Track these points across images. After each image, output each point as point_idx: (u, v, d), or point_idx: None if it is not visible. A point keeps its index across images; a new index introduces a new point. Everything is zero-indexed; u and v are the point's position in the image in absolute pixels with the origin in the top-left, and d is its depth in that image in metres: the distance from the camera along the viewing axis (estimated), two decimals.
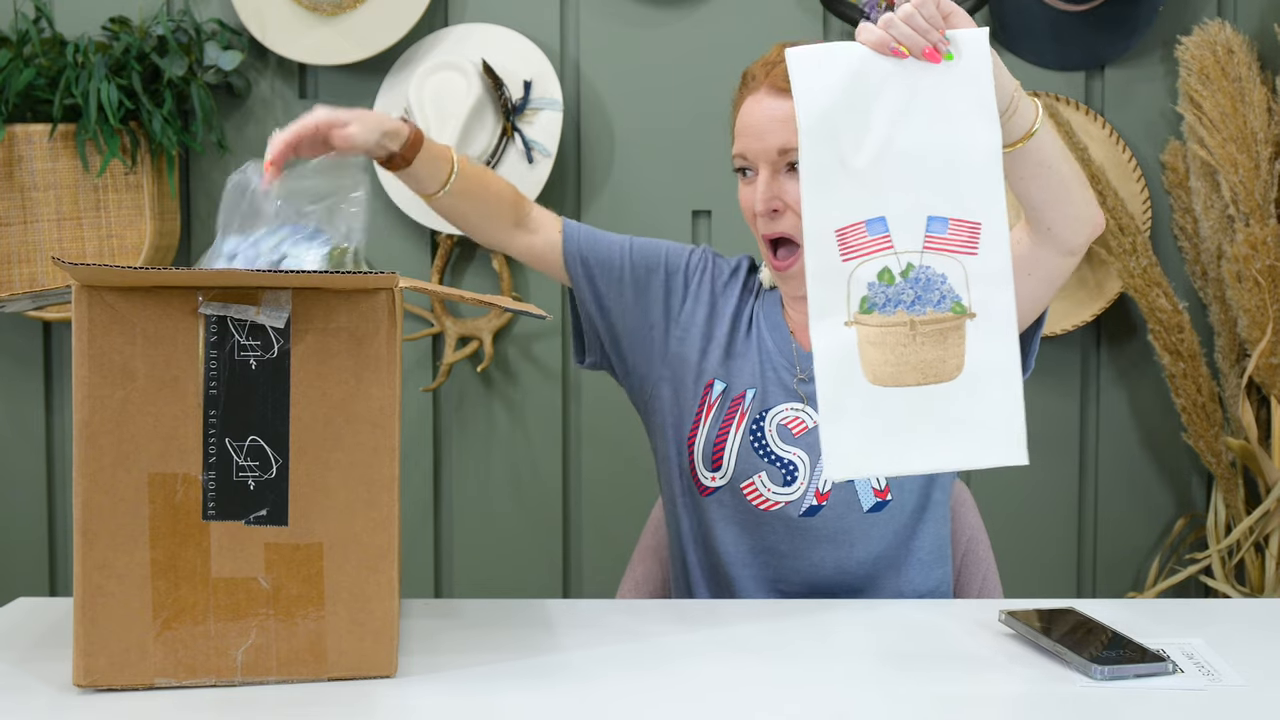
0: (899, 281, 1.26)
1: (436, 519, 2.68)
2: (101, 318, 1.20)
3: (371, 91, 2.59)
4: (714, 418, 1.67)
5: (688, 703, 1.21)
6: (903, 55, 1.27)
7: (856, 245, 1.26)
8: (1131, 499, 2.65)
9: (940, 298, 1.25)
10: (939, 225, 1.25)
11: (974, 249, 1.26)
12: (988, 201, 1.27)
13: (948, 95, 1.27)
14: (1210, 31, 2.45)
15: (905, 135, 1.27)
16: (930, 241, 1.26)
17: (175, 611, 1.22)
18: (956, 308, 1.25)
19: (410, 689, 1.24)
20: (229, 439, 1.22)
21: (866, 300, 1.26)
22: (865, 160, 1.27)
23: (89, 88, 2.41)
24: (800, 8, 2.58)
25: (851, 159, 1.27)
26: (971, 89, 1.27)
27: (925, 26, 1.27)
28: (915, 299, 1.26)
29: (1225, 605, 1.57)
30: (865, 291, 1.26)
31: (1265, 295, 2.38)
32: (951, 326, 1.25)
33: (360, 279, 1.22)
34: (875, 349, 1.26)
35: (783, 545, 1.63)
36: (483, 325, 2.60)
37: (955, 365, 1.26)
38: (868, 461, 1.29)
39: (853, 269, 1.26)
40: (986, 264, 1.27)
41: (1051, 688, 1.24)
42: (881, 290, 1.25)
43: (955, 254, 1.26)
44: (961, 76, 1.27)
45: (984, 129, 1.27)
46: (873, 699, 1.22)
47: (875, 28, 1.28)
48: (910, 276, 1.26)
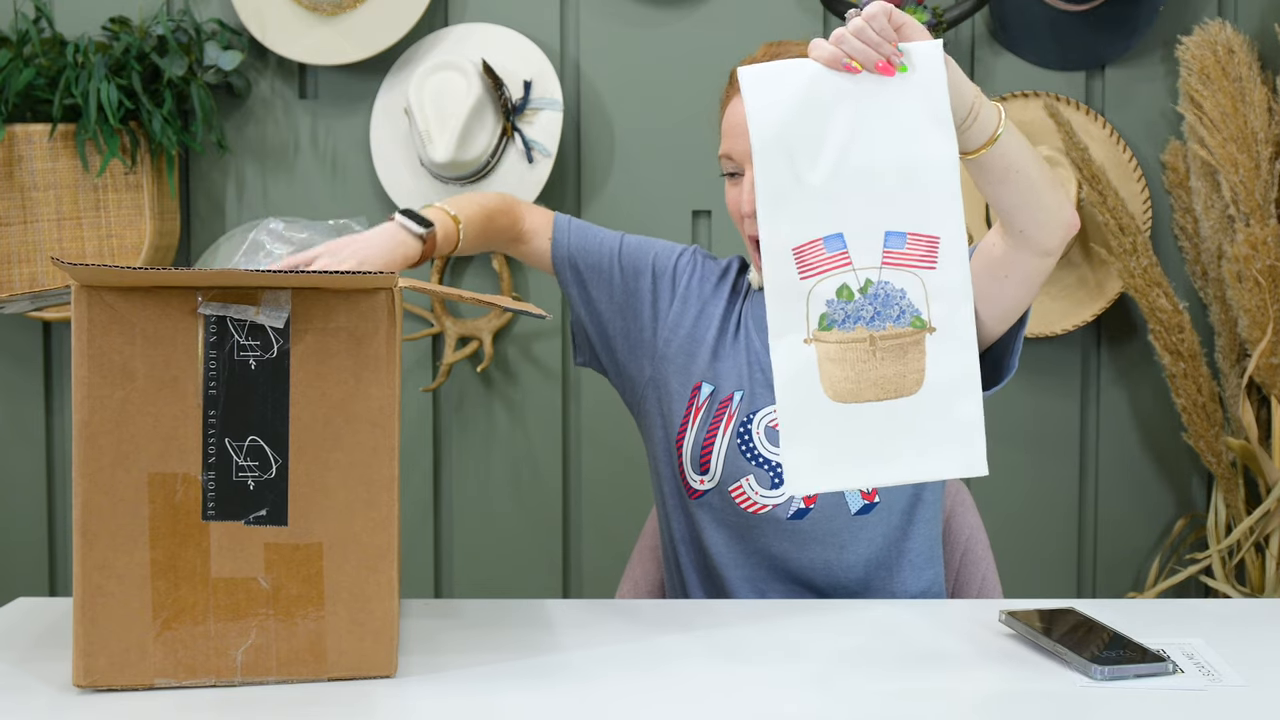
0: (858, 298, 1.26)
1: (436, 519, 2.67)
2: (101, 318, 1.20)
3: (371, 92, 2.59)
4: (702, 420, 1.67)
5: (687, 703, 1.21)
6: (855, 70, 1.27)
7: (814, 263, 1.26)
8: (1131, 499, 2.65)
9: (900, 313, 1.25)
10: (897, 240, 1.26)
11: (933, 263, 1.26)
12: (946, 215, 1.27)
13: (902, 108, 1.26)
14: (1210, 31, 2.45)
15: (860, 150, 1.27)
16: (889, 257, 1.26)
17: (175, 611, 1.22)
18: (916, 322, 1.25)
19: (410, 689, 1.24)
20: (229, 439, 1.22)
21: (825, 317, 1.26)
22: (821, 177, 1.27)
23: (89, 88, 2.41)
24: (800, 8, 2.58)
25: (807, 175, 1.27)
26: (926, 102, 1.26)
27: (877, 40, 1.26)
28: (874, 315, 1.26)
29: (1225, 605, 1.57)
30: (824, 309, 1.26)
31: (1265, 295, 2.38)
32: (911, 341, 1.25)
33: (360, 279, 1.22)
34: (835, 365, 1.26)
35: (774, 548, 1.63)
36: (483, 325, 2.60)
37: (915, 380, 1.26)
38: (828, 476, 1.29)
39: (811, 286, 1.26)
40: (946, 278, 1.27)
41: (1052, 688, 1.24)
42: (840, 307, 1.25)
43: (914, 269, 1.26)
44: (916, 89, 1.26)
45: (940, 141, 1.26)
46: (872, 699, 1.22)
47: (827, 44, 1.27)
48: (869, 293, 1.26)
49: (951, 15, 2.49)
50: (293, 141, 2.63)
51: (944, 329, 1.27)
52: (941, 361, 1.27)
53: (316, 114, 2.62)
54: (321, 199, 2.63)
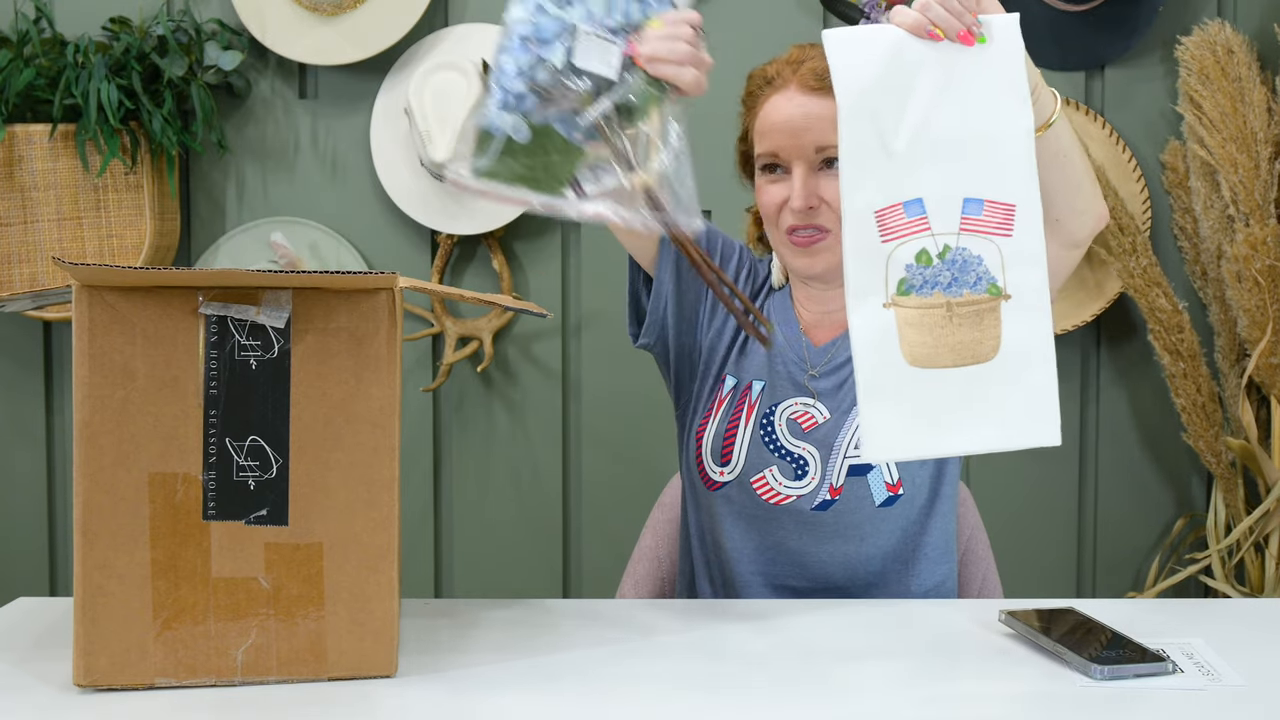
0: (936, 263, 1.27)
1: (436, 519, 2.68)
2: (102, 318, 1.20)
3: (371, 92, 2.59)
4: (724, 412, 1.67)
5: (687, 703, 1.21)
6: (938, 38, 1.29)
7: (895, 227, 1.27)
8: (1131, 499, 2.65)
9: (976, 279, 1.26)
10: (975, 207, 1.27)
11: (1009, 230, 1.27)
12: (1022, 183, 1.28)
13: (981, 78, 1.29)
14: (1210, 32, 2.45)
15: (941, 118, 1.29)
16: (966, 223, 1.27)
17: (175, 611, 1.22)
18: (992, 289, 1.26)
19: (410, 689, 1.24)
20: (229, 439, 1.22)
21: (904, 282, 1.27)
22: (903, 142, 1.29)
23: (89, 88, 2.41)
24: (800, 8, 2.58)
25: (890, 141, 1.29)
26: (1004, 72, 1.29)
27: (959, 9, 1.29)
28: (952, 280, 1.27)
29: (1225, 605, 1.57)
30: (903, 273, 1.27)
31: (1265, 295, 2.38)
32: (987, 308, 1.26)
33: (360, 279, 1.23)
34: (913, 330, 1.27)
35: (791, 541, 1.63)
36: (483, 325, 2.60)
37: (991, 347, 1.27)
38: (907, 442, 1.30)
39: (891, 250, 1.27)
40: (1021, 245, 1.28)
41: (1051, 687, 1.24)
42: (919, 272, 1.26)
43: (991, 235, 1.27)
44: (994, 59, 1.29)
45: (1017, 111, 1.29)
46: (872, 699, 1.22)
47: (911, 10, 1.30)
48: (947, 258, 1.27)
49: None
50: (293, 142, 2.63)
51: (1019, 296, 1.28)
52: (1017, 329, 1.28)
53: (316, 114, 2.62)
54: (321, 199, 2.63)
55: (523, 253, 2.63)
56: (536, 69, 1.30)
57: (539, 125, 1.31)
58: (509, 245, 2.62)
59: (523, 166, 1.31)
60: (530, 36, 1.30)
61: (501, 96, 1.30)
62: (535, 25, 1.30)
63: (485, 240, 2.59)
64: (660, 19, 1.32)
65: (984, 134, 1.29)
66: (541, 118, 1.31)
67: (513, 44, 1.30)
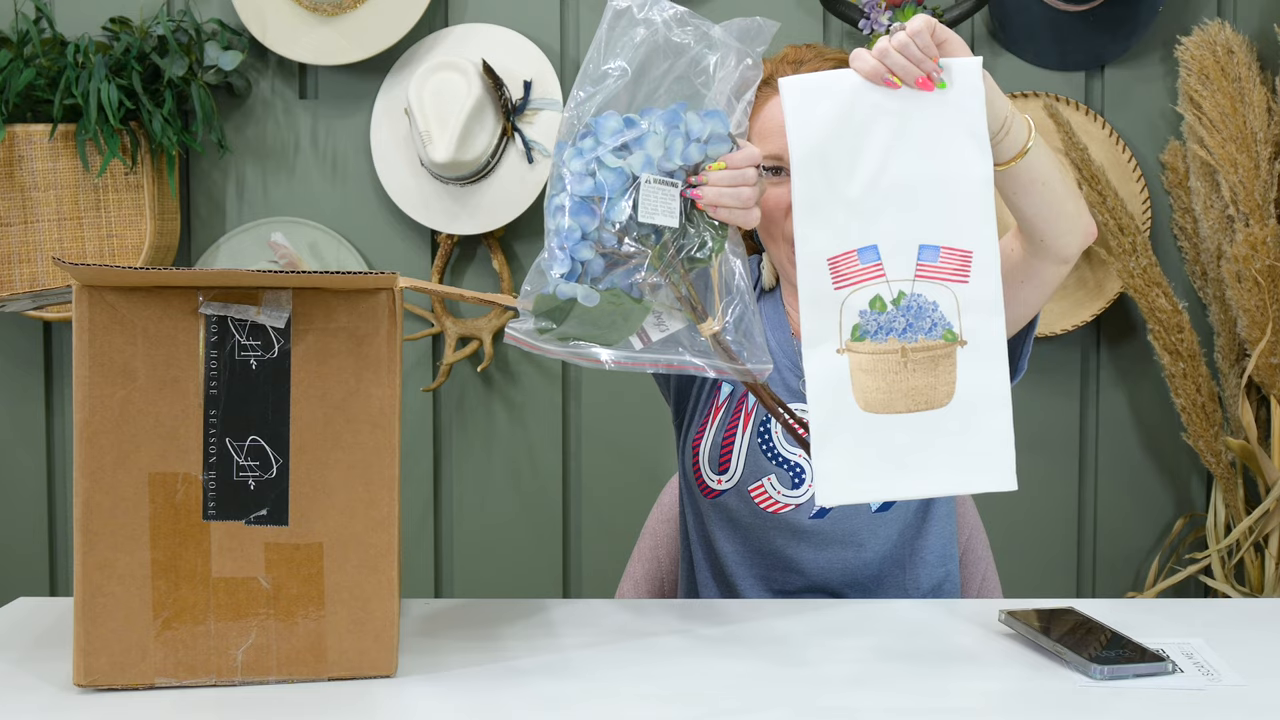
0: (890, 309, 1.26)
1: (436, 519, 2.68)
2: (102, 318, 1.20)
3: (372, 92, 2.59)
4: (721, 420, 1.67)
5: (687, 702, 1.21)
6: (895, 86, 1.27)
7: (849, 274, 1.27)
8: (1131, 499, 2.65)
9: (931, 325, 1.26)
10: (930, 254, 1.26)
11: (965, 277, 1.27)
12: (979, 229, 1.27)
13: (940, 123, 1.27)
14: (1210, 32, 2.45)
15: (897, 164, 1.27)
16: (922, 270, 1.26)
17: (175, 611, 1.22)
18: (948, 335, 1.26)
19: (410, 689, 1.24)
20: (229, 439, 1.22)
21: (858, 328, 1.27)
22: (858, 189, 1.27)
23: (89, 88, 2.41)
24: (800, 8, 2.58)
25: (843, 188, 1.28)
26: (963, 117, 1.27)
27: (920, 56, 1.26)
28: (907, 326, 1.26)
29: (1225, 605, 1.57)
30: (857, 319, 1.27)
31: (1265, 295, 2.38)
32: (943, 354, 1.26)
33: (360, 279, 1.23)
34: (867, 376, 1.27)
35: (789, 549, 1.63)
36: (483, 325, 2.60)
37: (946, 392, 1.27)
38: (858, 487, 1.29)
39: (845, 297, 1.27)
40: (978, 292, 1.27)
41: (1051, 687, 1.24)
42: (873, 318, 1.26)
43: (947, 282, 1.26)
44: (954, 105, 1.27)
45: (975, 157, 1.27)
46: (872, 699, 1.22)
47: (869, 56, 1.28)
48: (902, 304, 1.26)
49: (951, 15, 2.49)
50: (293, 142, 2.63)
51: (975, 342, 1.27)
52: (972, 375, 1.28)
53: (317, 114, 2.62)
54: (321, 199, 2.63)
55: (523, 253, 2.63)
56: (602, 231, 1.26)
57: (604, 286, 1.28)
58: (509, 245, 2.62)
59: (590, 325, 1.28)
60: (592, 196, 1.26)
61: (568, 265, 1.26)
62: (596, 183, 1.26)
63: (485, 240, 2.60)
64: (723, 160, 1.29)
65: (941, 179, 1.27)
66: (609, 281, 1.28)
67: (574, 203, 1.26)
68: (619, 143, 1.26)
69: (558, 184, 1.28)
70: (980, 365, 1.28)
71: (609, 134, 1.26)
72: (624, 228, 1.25)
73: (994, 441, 1.28)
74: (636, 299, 1.28)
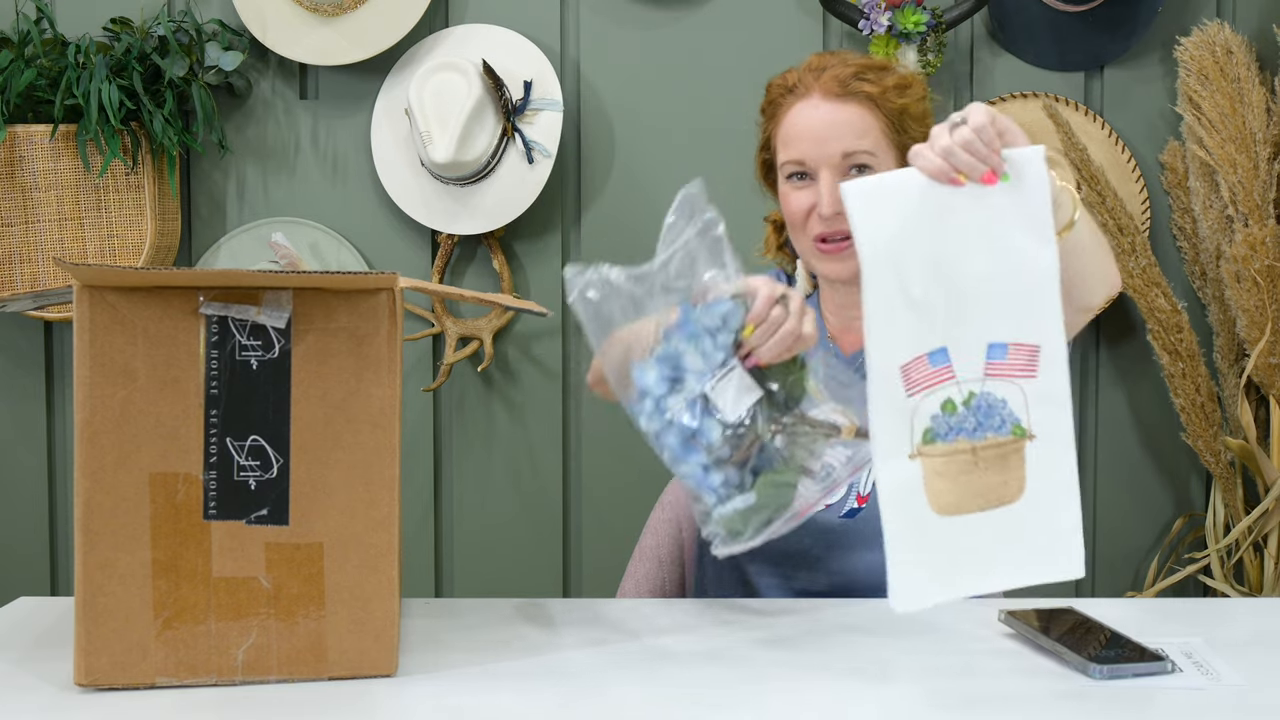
0: (961, 410, 1.23)
1: (436, 519, 2.68)
2: (103, 318, 1.20)
3: (372, 92, 2.59)
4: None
5: (687, 702, 1.21)
6: (960, 184, 1.25)
7: (920, 379, 1.24)
8: (1131, 499, 2.65)
9: (1001, 422, 1.23)
10: (999, 351, 1.23)
11: (1033, 372, 1.24)
12: (1046, 322, 1.25)
13: (1004, 217, 1.24)
14: (1209, 32, 2.46)
15: (962, 262, 1.24)
16: (991, 368, 1.23)
17: (176, 611, 1.22)
18: (1017, 430, 1.23)
19: (410, 689, 1.24)
20: (230, 439, 1.22)
21: (929, 431, 1.24)
22: (924, 290, 1.24)
23: (90, 88, 2.41)
24: (800, 9, 2.59)
25: (912, 290, 1.24)
26: (1027, 209, 1.24)
27: (985, 152, 1.24)
28: (977, 426, 1.23)
29: (1224, 605, 1.57)
30: (929, 423, 1.24)
31: (1264, 295, 2.38)
32: (1012, 449, 1.23)
33: (360, 279, 1.23)
34: (939, 479, 1.24)
35: (816, 549, 1.63)
36: (483, 325, 2.61)
37: (1016, 488, 1.24)
38: (933, 590, 1.26)
39: (917, 403, 1.24)
40: (1046, 385, 1.25)
41: (1051, 687, 1.24)
42: (944, 420, 1.23)
43: (1015, 378, 1.24)
44: (1018, 197, 1.24)
45: (1041, 249, 1.24)
46: (872, 698, 1.22)
47: (933, 155, 1.25)
48: (972, 404, 1.23)
49: (951, 16, 2.49)
50: (293, 142, 2.63)
51: (1043, 435, 1.25)
52: (1041, 468, 1.25)
53: (317, 114, 2.63)
54: (322, 199, 2.63)
55: (523, 253, 2.63)
56: (715, 452, 1.30)
57: (751, 481, 1.33)
58: (509, 245, 2.62)
59: (770, 509, 1.32)
60: (687, 438, 1.31)
61: (714, 495, 1.31)
62: (680, 427, 1.30)
63: (485, 240, 2.60)
64: (749, 322, 1.31)
65: (1007, 274, 1.24)
66: (749, 474, 1.32)
67: (676, 453, 1.31)
68: (668, 388, 1.30)
69: (651, 442, 1.33)
70: (1049, 458, 1.25)
71: (656, 384, 1.31)
72: (729, 433, 1.30)
73: (1064, 533, 1.26)
74: (782, 467, 1.32)
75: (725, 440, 1.30)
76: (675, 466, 1.32)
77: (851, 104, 1.62)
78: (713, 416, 1.30)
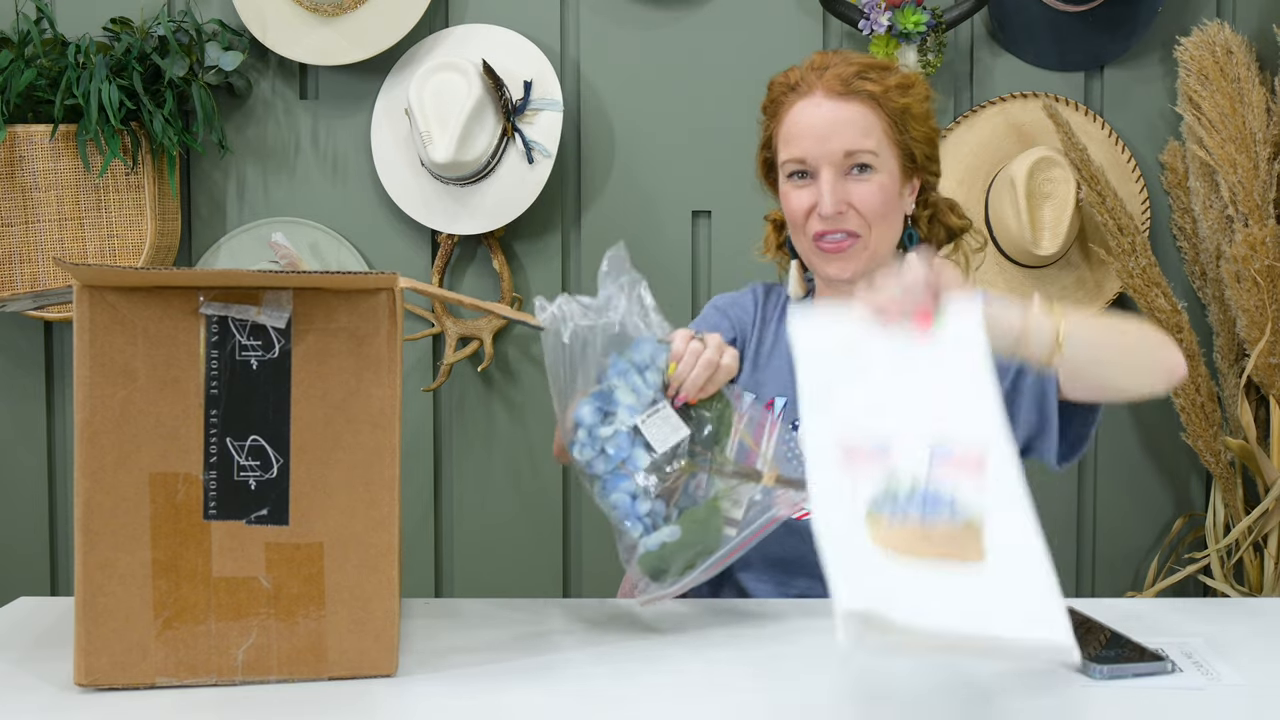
0: (904, 496, 1.18)
1: (436, 519, 2.68)
2: (103, 318, 1.20)
3: (372, 92, 2.59)
4: (745, 428, 1.67)
5: (687, 702, 1.21)
6: (896, 322, 1.28)
7: (862, 464, 1.20)
8: (1131, 499, 2.65)
9: (951, 514, 1.16)
10: (944, 454, 1.20)
11: (981, 475, 1.19)
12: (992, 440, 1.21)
13: (943, 354, 1.27)
14: (1209, 32, 2.46)
15: (904, 389, 1.25)
16: (937, 466, 1.20)
17: (176, 611, 1.22)
18: (970, 523, 1.15)
19: (410, 689, 1.24)
20: (230, 439, 1.22)
21: (875, 504, 1.17)
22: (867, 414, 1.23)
23: (90, 88, 2.41)
24: (800, 9, 2.59)
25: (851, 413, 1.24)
26: (965, 352, 1.26)
27: (916, 301, 1.27)
28: (924, 516, 1.16)
29: (1224, 605, 1.57)
30: (871, 500, 1.17)
31: (1264, 295, 2.38)
32: (967, 534, 1.15)
33: (360, 279, 1.23)
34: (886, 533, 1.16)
35: (812, 555, 1.62)
36: (483, 325, 2.61)
37: (976, 555, 1.15)
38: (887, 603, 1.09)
39: (855, 485, 1.19)
40: (996, 486, 1.18)
41: (1051, 687, 1.24)
42: (888, 500, 1.17)
43: (962, 478, 1.19)
44: (954, 340, 1.27)
45: (980, 387, 1.24)
46: (872, 697, 1.22)
47: (872, 297, 1.29)
48: (916, 495, 1.17)
49: (951, 16, 2.49)
50: (293, 142, 2.63)
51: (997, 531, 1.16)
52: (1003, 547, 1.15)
53: (317, 114, 2.63)
54: (322, 199, 2.63)
55: (523, 253, 2.63)
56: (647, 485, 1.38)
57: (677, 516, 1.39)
58: (509, 245, 2.62)
59: (691, 548, 1.38)
60: (615, 469, 1.38)
61: (639, 527, 1.38)
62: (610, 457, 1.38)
63: (485, 240, 2.60)
64: (671, 360, 1.39)
65: (948, 402, 1.24)
66: (677, 509, 1.39)
67: (607, 484, 1.38)
68: (600, 419, 1.38)
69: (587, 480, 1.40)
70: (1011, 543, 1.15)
71: (589, 415, 1.38)
72: (656, 465, 1.37)
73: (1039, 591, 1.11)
74: (709, 503, 1.39)
75: (653, 469, 1.37)
76: (605, 497, 1.38)
77: (854, 102, 1.62)
78: (641, 446, 1.38)
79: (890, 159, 1.63)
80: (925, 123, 1.66)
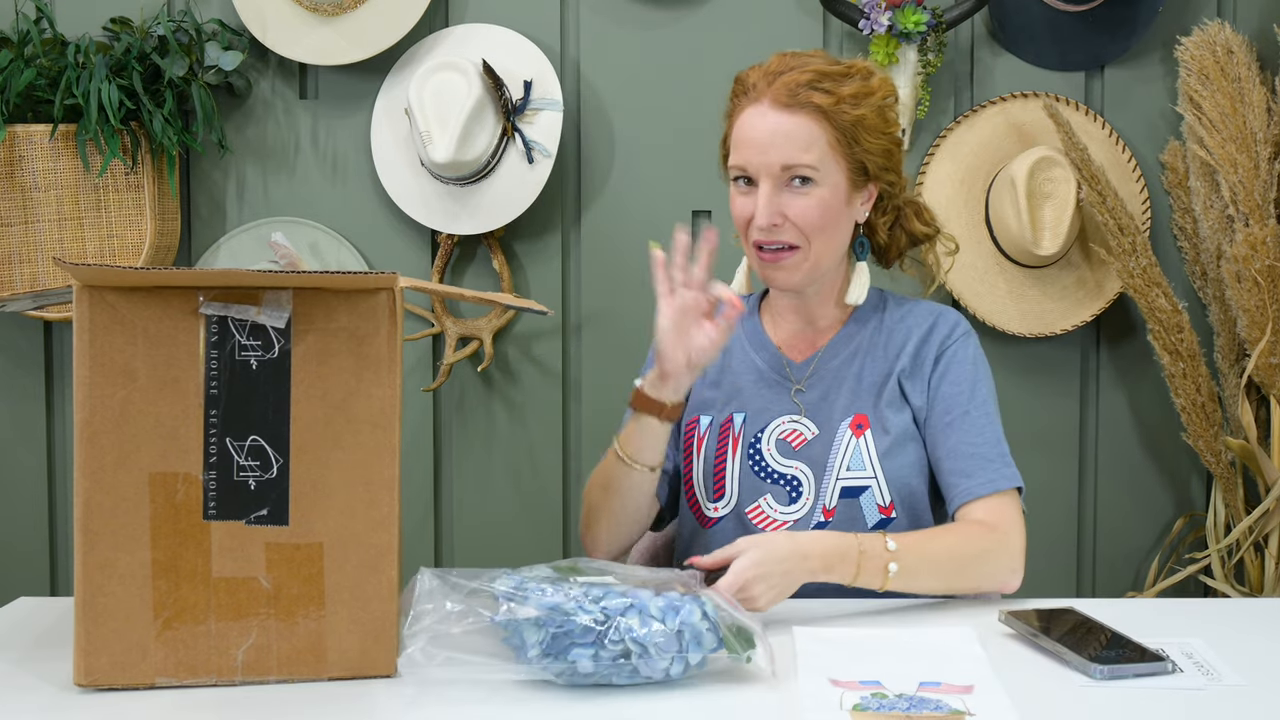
0: (890, 700, 1.20)
1: (436, 519, 2.68)
2: (103, 318, 1.20)
3: (372, 92, 2.59)
4: (707, 448, 1.68)
5: (687, 702, 1.21)
6: None
7: (847, 686, 1.24)
8: (1131, 499, 2.65)
9: (936, 708, 1.18)
10: (932, 685, 1.24)
11: (969, 694, 1.21)
12: (982, 680, 1.25)
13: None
14: (1210, 32, 2.46)
15: (894, 650, 1.35)
16: (924, 690, 1.22)
17: (176, 611, 1.22)
18: (955, 713, 1.17)
19: (410, 689, 1.24)
20: (230, 439, 1.22)
21: (859, 706, 1.19)
22: (856, 660, 1.32)
23: (90, 88, 2.41)
24: (800, 9, 2.59)
25: (843, 660, 1.32)
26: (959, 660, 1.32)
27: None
28: (909, 709, 1.18)
29: (1225, 605, 1.57)
30: (855, 705, 1.19)
31: (1264, 295, 2.38)
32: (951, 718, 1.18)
33: (360, 279, 1.23)
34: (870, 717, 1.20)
35: None
36: (483, 325, 2.60)
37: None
38: None
39: (841, 694, 1.22)
40: (984, 701, 1.20)
41: (1051, 687, 1.24)
42: (874, 700, 1.20)
43: (949, 695, 1.21)
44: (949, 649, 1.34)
45: (970, 665, 1.30)
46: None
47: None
48: (903, 699, 1.20)
49: (951, 15, 2.49)
50: (293, 142, 2.63)
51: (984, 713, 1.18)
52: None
53: (317, 114, 2.63)
54: (322, 199, 2.63)
55: (523, 253, 2.63)
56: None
57: None
58: (509, 245, 2.62)
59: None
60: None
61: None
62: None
63: (485, 240, 2.60)
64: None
65: (937, 658, 1.31)
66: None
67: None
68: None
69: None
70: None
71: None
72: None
73: None
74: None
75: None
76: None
77: (799, 114, 1.59)
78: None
79: (835, 171, 1.60)
80: (881, 133, 1.63)
